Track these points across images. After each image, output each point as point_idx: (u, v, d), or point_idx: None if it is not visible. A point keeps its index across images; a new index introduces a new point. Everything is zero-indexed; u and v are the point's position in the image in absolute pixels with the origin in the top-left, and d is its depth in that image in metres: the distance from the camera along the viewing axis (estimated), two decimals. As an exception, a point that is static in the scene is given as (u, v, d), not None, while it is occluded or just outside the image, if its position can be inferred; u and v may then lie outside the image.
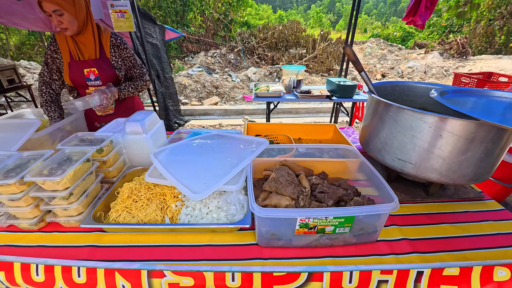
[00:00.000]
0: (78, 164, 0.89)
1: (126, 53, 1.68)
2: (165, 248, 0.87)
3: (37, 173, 0.86)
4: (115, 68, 1.65)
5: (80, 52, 1.60)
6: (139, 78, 1.75)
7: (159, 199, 1.00)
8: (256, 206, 0.79)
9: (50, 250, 0.87)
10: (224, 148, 1.21)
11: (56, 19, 1.42)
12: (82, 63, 1.60)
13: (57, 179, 0.82)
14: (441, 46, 8.37)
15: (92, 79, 1.63)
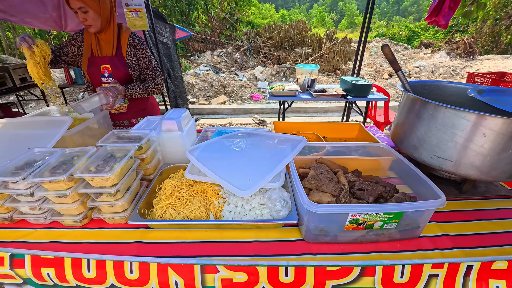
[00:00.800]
0: (124, 161, 0.89)
1: (142, 53, 1.68)
2: (212, 244, 0.87)
3: (84, 170, 0.86)
4: (129, 67, 1.67)
5: (100, 49, 1.64)
6: (150, 80, 1.73)
7: (201, 196, 1.00)
8: (310, 202, 0.80)
9: (97, 247, 0.87)
10: (259, 146, 1.21)
11: (81, 16, 1.46)
12: (99, 59, 1.63)
13: (107, 176, 0.83)
14: (448, 45, 8.34)
15: (106, 75, 1.66)
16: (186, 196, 0.97)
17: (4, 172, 0.89)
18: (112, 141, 1.08)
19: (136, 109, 1.79)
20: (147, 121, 1.37)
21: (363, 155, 1.35)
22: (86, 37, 1.62)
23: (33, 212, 0.94)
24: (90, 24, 1.48)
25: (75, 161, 0.93)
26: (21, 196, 0.91)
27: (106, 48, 1.61)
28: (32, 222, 0.97)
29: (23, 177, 0.85)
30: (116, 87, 1.51)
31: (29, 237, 0.92)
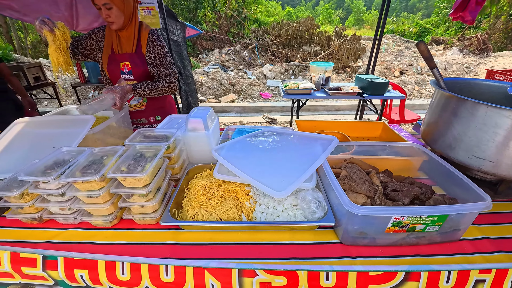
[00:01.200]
0: (156, 160, 0.87)
1: (158, 49, 1.65)
2: (248, 246, 0.85)
3: (116, 170, 0.85)
4: (148, 64, 1.65)
5: (120, 46, 1.62)
6: (162, 78, 1.68)
7: (231, 196, 0.97)
8: (351, 204, 0.77)
9: (129, 248, 0.86)
10: (287, 145, 1.18)
11: (105, 13, 1.45)
12: (120, 56, 1.62)
13: (141, 176, 0.81)
14: (461, 42, 8.14)
15: (125, 72, 1.64)
16: (217, 196, 0.95)
17: (34, 172, 0.88)
18: (139, 140, 1.06)
19: (154, 107, 1.77)
20: (170, 119, 1.35)
21: (391, 154, 1.31)
22: (107, 34, 1.61)
23: (63, 212, 0.93)
24: (113, 21, 1.47)
25: (105, 161, 0.91)
26: (51, 196, 0.90)
27: (127, 45, 1.60)
28: (61, 222, 0.96)
29: (55, 177, 0.83)
30: (122, 87, 1.48)
31: (59, 238, 0.91)
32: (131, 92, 1.55)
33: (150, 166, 0.84)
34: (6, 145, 1.28)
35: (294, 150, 1.13)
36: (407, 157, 1.24)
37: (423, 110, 5.39)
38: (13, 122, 1.37)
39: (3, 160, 1.20)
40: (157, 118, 1.82)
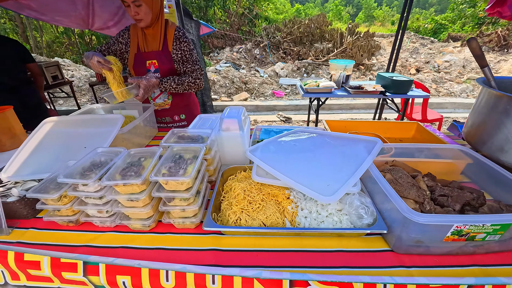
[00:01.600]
0: (198, 163, 0.84)
1: (184, 46, 1.62)
2: (296, 253, 0.81)
3: (157, 173, 0.81)
4: (174, 61, 1.63)
5: (146, 44, 1.60)
6: (188, 75, 1.66)
7: (272, 200, 0.93)
8: (410, 210, 0.72)
9: (170, 253, 0.83)
10: (324, 146, 1.13)
11: (134, 10, 1.42)
12: (146, 54, 1.60)
13: (185, 180, 0.77)
14: (480, 38, 7.86)
15: (152, 71, 1.62)
16: (258, 200, 0.91)
17: (73, 174, 0.86)
18: (174, 141, 1.03)
19: (179, 105, 1.75)
20: (200, 119, 1.32)
21: (430, 157, 1.24)
22: (132, 33, 1.59)
23: (100, 215, 0.90)
24: (142, 18, 1.44)
25: (144, 163, 0.88)
26: (89, 199, 0.87)
27: (153, 43, 1.57)
28: (97, 225, 0.94)
29: (95, 179, 0.81)
30: (148, 79, 1.48)
31: (98, 241, 0.89)
32: (157, 86, 1.53)
33: (194, 169, 0.80)
34: (37, 145, 1.27)
35: (334, 151, 1.08)
36: (451, 160, 1.17)
37: (441, 109, 5.22)
38: (42, 121, 1.36)
39: (35, 160, 1.19)
40: (182, 116, 1.79)
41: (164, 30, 1.57)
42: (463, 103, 5.38)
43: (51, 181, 0.93)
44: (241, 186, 0.94)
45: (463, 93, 5.85)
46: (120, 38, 1.60)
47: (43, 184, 0.91)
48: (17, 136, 1.63)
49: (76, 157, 1.16)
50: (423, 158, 1.23)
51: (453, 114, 5.06)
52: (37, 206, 0.89)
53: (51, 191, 0.88)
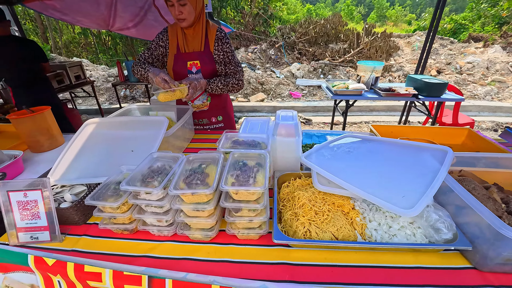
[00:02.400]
0: (267, 171, 0.78)
1: (227, 47, 1.60)
2: (371, 269, 0.75)
3: (227, 182, 0.77)
4: (216, 62, 1.59)
5: (187, 44, 1.57)
6: (231, 76, 1.65)
7: (338, 210, 0.87)
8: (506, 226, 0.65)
9: (237, 267, 0.77)
10: (385, 154, 1.06)
11: (178, 9, 1.39)
12: (187, 55, 1.56)
13: (258, 190, 0.72)
14: (503, 39, 7.57)
15: (193, 71, 1.58)
16: (325, 211, 0.85)
17: (133, 181, 0.82)
18: (230, 146, 0.99)
19: (217, 107, 1.71)
20: (249, 123, 1.27)
21: (490, 166, 1.15)
22: (171, 34, 1.56)
23: (159, 224, 0.86)
24: (185, 18, 1.41)
25: (207, 170, 0.84)
26: (150, 207, 0.83)
27: (194, 44, 1.54)
28: (154, 233, 0.90)
29: (161, 187, 0.77)
30: (198, 80, 1.47)
31: (156, 251, 0.84)
32: (205, 86, 1.52)
33: (266, 179, 0.75)
34: (80, 147, 1.25)
35: (397, 159, 1.01)
36: (516, 169, 1.08)
37: (465, 112, 5.04)
38: (84, 123, 1.34)
39: (81, 163, 1.17)
40: (219, 118, 1.75)
41: (205, 30, 1.54)
42: (488, 106, 5.18)
43: (106, 187, 0.90)
44: (305, 196, 0.88)
45: (487, 95, 5.64)
46: (160, 41, 1.58)
47: (100, 190, 0.87)
48: (54, 136, 1.63)
49: (123, 160, 1.13)
50: (482, 167, 1.15)
51: (478, 117, 4.88)
52: (95, 214, 0.86)
53: (110, 198, 0.85)
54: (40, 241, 0.93)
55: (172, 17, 1.46)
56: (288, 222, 0.86)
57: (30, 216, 0.92)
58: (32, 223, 0.93)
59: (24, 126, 1.52)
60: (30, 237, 0.94)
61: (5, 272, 0.89)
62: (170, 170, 0.87)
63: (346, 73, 6.90)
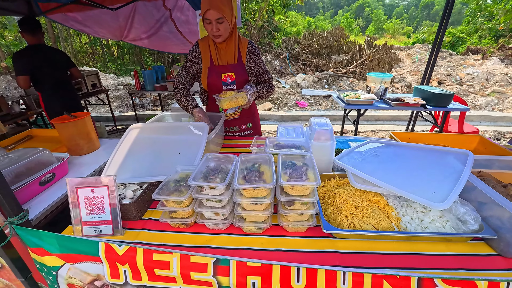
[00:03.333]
0: (316, 169, 0.90)
1: (259, 59, 1.74)
2: (410, 256, 0.85)
3: (283, 178, 0.88)
4: (248, 73, 1.72)
5: (220, 57, 1.67)
6: (268, 82, 1.81)
7: (375, 206, 0.98)
8: None
9: (290, 255, 0.87)
10: (412, 157, 1.17)
11: (215, 27, 1.49)
12: (221, 68, 1.67)
13: (312, 184, 0.83)
14: (501, 51, 7.85)
15: (228, 83, 1.70)
16: (365, 206, 0.95)
17: (196, 178, 0.92)
18: (274, 149, 1.10)
19: (247, 115, 1.83)
20: (284, 129, 1.38)
21: (505, 168, 1.27)
22: (202, 48, 1.66)
23: (216, 218, 0.96)
24: (221, 34, 1.51)
25: (261, 168, 0.95)
26: (210, 202, 0.94)
27: (228, 57, 1.66)
28: (209, 227, 0.99)
29: (226, 184, 0.87)
30: (253, 88, 1.61)
31: (213, 243, 0.93)
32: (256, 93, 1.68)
33: (317, 175, 0.86)
34: (128, 150, 1.35)
35: (423, 162, 1.12)
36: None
37: (469, 122, 5.20)
38: (128, 128, 1.46)
39: (131, 165, 1.27)
40: (249, 125, 1.87)
41: (237, 44, 1.66)
42: (489, 116, 5.35)
43: (167, 184, 1.00)
44: (346, 193, 0.99)
45: (488, 106, 5.82)
46: (193, 58, 1.67)
47: (162, 187, 0.98)
48: (92, 141, 1.74)
49: (171, 161, 1.24)
50: (497, 169, 1.26)
51: (480, 127, 5.03)
52: (158, 208, 0.96)
53: (172, 194, 0.95)
54: (103, 234, 1.02)
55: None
56: (331, 216, 0.97)
57: (96, 211, 1.01)
58: (97, 217, 1.02)
59: (66, 131, 1.62)
60: (94, 231, 1.02)
61: (73, 263, 0.96)
62: (225, 169, 0.98)
63: (350, 84, 7.10)
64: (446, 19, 3.03)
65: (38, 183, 1.25)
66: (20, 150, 1.38)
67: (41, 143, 1.88)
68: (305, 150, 1.08)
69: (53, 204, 1.19)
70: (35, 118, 3.73)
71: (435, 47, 3.16)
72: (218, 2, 1.42)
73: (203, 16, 1.48)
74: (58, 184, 1.34)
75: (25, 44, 2.94)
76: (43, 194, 1.25)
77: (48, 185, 1.30)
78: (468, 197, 1.02)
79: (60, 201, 1.23)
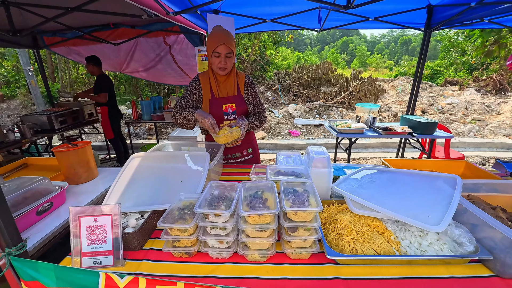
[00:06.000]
0: (317, 195, 0.94)
1: (254, 91, 1.87)
2: (412, 280, 0.87)
3: (286, 205, 0.91)
4: (247, 103, 1.83)
5: (220, 90, 1.78)
6: (260, 114, 1.91)
7: (375, 231, 1.01)
8: None
9: (296, 283, 0.87)
10: (404, 182, 1.23)
11: (224, 60, 1.62)
12: (222, 99, 1.77)
13: (314, 210, 0.87)
14: (476, 83, 8.50)
15: (229, 113, 1.78)
16: (365, 231, 0.98)
17: (202, 205, 0.94)
18: (275, 176, 1.14)
19: (247, 141, 1.91)
20: (283, 157, 1.44)
21: (490, 192, 1.34)
22: (202, 81, 1.76)
23: (220, 246, 0.97)
24: (227, 67, 1.64)
25: (265, 195, 0.98)
26: (214, 229, 0.95)
27: (228, 89, 1.77)
28: (212, 256, 0.99)
29: (231, 212, 0.90)
30: (244, 121, 1.67)
31: (218, 272, 0.91)
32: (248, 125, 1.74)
33: (319, 201, 0.90)
34: (130, 179, 1.37)
35: (416, 186, 1.18)
36: (513, 194, 1.27)
37: (454, 148, 5.43)
38: (130, 156, 1.48)
39: (133, 193, 1.27)
40: (249, 150, 1.94)
41: (236, 77, 1.79)
42: (473, 142, 5.62)
43: (171, 212, 1.01)
44: (346, 218, 1.02)
45: (470, 132, 6.13)
46: (193, 90, 1.77)
47: (167, 215, 0.99)
48: (91, 169, 1.74)
49: (174, 190, 1.26)
50: (484, 193, 1.33)
51: (465, 152, 5.25)
52: (162, 237, 0.96)
53: (176, 222, 0.96)
54: (103, 265, 0.99)
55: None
56: (333, 242, 0.99)
57: (97, 240, 1.00)
58: (98, 247, 1.00)
59: (66, 159, 1.63)
60: (94, 262, 1.00)
61: (68, 299, 0.92)
62: (229, 196, 1.01)
63: (340, 113, 7.42)
64: (424, 53, 3.33)
65: (36, 212, 1.23)
66: (18, 178, 1.37)
67: (37, 172, 1.86)
68: (304, 177, 1.13)
69: (50, 234, 1.16)
70: (27, 147, 3.69)
71: (416, 79, 3.42)
72: (229, 38, 1.57)
73: (214, 50, 1.59)
74: (55, 213, 1.32)
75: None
76: (39, 223, 1.23)
77: (44, 214, 1.28)
78: (461, 219, 1.07)
79: (57, 231, 1.20)
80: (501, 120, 6.51)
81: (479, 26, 3.40)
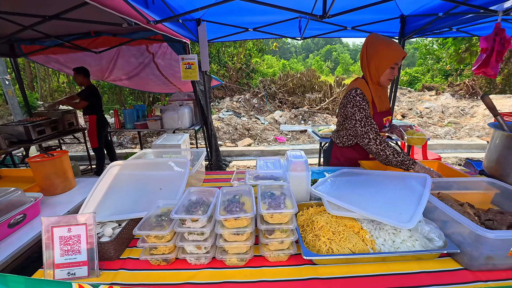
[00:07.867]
0: (293, 198, 0.96)
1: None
2: (387, 277, 0.90)
3: (263, 208, 0.92)
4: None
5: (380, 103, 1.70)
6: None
7: (350, 230, 1.04)
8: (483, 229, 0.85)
9: (275, 285, 0.88)
10: (379, 182, 1.28)
11: (395, 71, 1.56)
12: (383, 113, 1.71)
13: (289, 212, 0.89)
14: (451, 88, 8.97)
15: (386, 125, 1.78)
16: (341, 231, 1.01)
17: (179, 211, 0.94)
18: (254, 180, 1.16)
19: None
20: (263, 162, 1.46)
21: (461, 189, 1.41)
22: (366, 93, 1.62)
23: (198, 251, 0.96)
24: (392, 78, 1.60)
25: (242, 200, 0.99)
26: (192, 235, 0.95)
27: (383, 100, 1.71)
28: (191, 262, 0.98)
29: (208, 216, 0.90)
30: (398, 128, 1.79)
31: (197, 278, 0.91)
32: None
33: (294, 203, 0.92)
34: (108, 187, 1.34)
35: (389, 186, 1.23)
36: (482, 190, 1.34)
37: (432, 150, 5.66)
38: (109, 165, 1.46)
39: (111, 202, 1.25)
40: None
41: None
42: (450, 144, 5.88)
43: (148, 220, 1.00)
44: (323, 219, 1.05)
45: (447, 135, 6.43)
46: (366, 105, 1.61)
47: (143, 223, 0.98)
48: (68, 179, 1.70)
49: (153, 197, 1.25)
50: (454, 190, 1.40)
51: (443, 154, 5.48)
52: (138, 245, 0.95)
53: (154, 229, 0.95)
54: (77, 277, 0.96)
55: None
56: (311, 243, 1.01)
57: (71, 251, 0.97)
58: (71, 258, 0.97)
59: (42, 169, 1.58)
60: (67, 273, 0.96)
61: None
62: (207, 201, 1.01)
63: (324, 119, 7.59)
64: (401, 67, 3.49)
65: (7, 225, 1.18)
66: (-11, 191, 1.31)
67: (11, 183, 1.79)
68: (283, 181, 1.15)
69: (23, 247, 1.12)
70: (3, 158, 3.52)
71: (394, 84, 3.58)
72: None
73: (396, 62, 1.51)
74: (29, 226, 1.27)
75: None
76: (11, 236, 1.18)
77: (17, 227, 1.23)
78: (432, 216, 1.12)
79: (30, 244, 1.16)
80: (475, 122, 6.88)
81: (448, 34, 3.62)
